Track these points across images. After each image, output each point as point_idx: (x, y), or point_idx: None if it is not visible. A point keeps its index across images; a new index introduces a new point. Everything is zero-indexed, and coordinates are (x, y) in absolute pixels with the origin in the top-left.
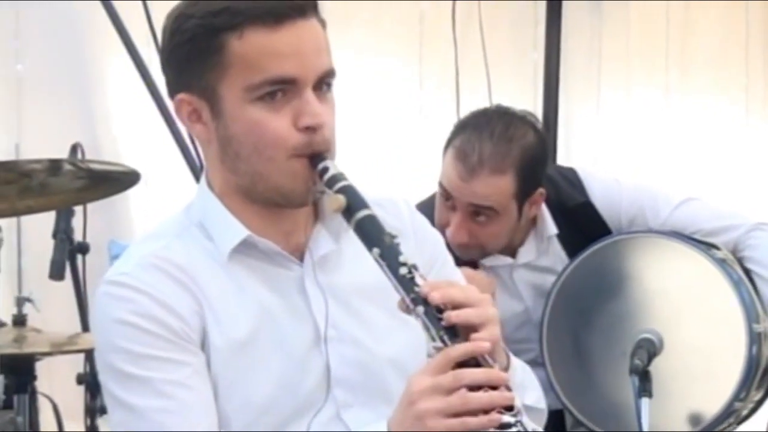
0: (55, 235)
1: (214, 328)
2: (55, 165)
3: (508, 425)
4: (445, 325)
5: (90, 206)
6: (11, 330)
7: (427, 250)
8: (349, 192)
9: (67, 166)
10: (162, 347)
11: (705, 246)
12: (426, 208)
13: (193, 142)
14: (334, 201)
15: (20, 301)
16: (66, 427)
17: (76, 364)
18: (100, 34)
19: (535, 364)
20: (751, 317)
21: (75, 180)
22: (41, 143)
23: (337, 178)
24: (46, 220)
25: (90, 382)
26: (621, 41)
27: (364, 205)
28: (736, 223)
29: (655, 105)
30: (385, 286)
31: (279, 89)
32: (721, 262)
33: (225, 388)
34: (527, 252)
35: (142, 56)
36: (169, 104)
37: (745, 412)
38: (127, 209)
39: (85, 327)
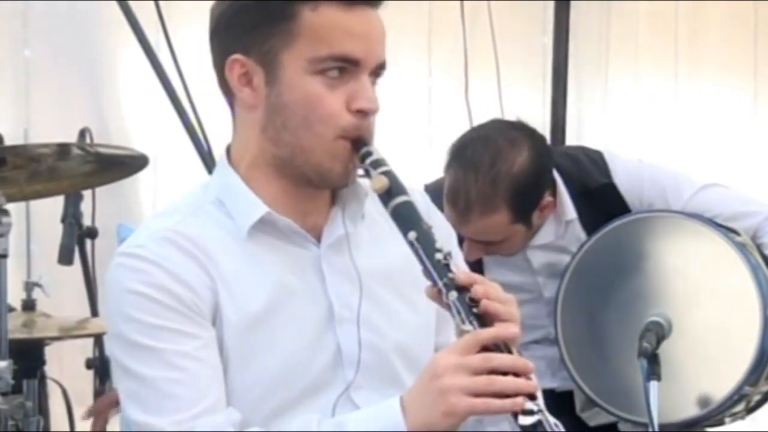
0: (63, 220)
1: (227, 303)
2: (63, 149)
3: (531, 412)
4: (476, 312)
5: (98, 190)
6: (20, 315)
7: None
8: (391, 176)
9: (76, 151)
10: (173, 319)
11: (725, 229)
12: (436, 190)
13: (201, 127)
14: (378, 180)
15: (29, 286)
16: (75, 412)
17: (85, 348)
18: (108, 19)
19: (545, 342)
20: (766, 302)
21: (83, 164)
22: (50, 128)
23: (380, 162)
24: (55, 204)
25: (99, 366)
26: (630, 28)
27: (404, 191)
28: (757, 210)
29: (663, 92)
30: (399, 272)
31: (341, 67)
32: (741, 247)
33: (238, 362)
34: (545, 235)
35: (150, 41)
36: (178, 88)
37: (756, 398)
38: (136, 193)
39: (94, 312)
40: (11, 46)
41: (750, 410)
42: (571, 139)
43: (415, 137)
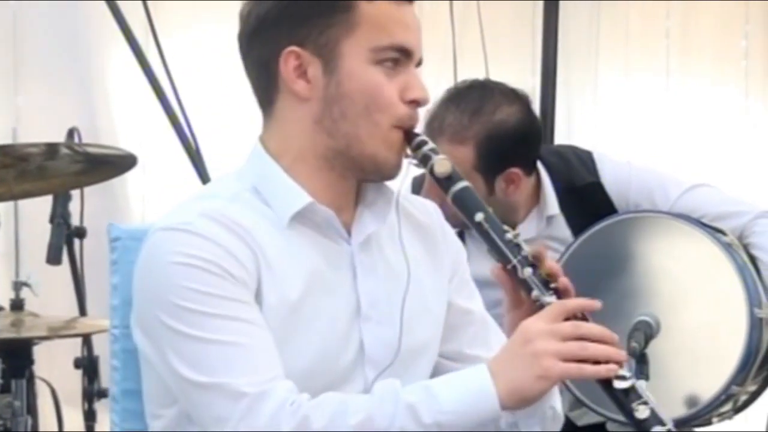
0: (52, 220)
1: (269, 285)
2: (52, 149)
3: (624, 377)
4: (552, 287)
5: (87, 190)
6: (9, 314)
7: (451, 255)
8: (450, 164)
9: (64, 150)
10: (229, 289)
11: (712, 230)
12: (421, 182)
13: (189, 127)
14: (442, 164)
15: (18, 286)
16: (64, 412)
17: (73, 348)
18: (96, 19)
19: None
20: (753, 302)
21: (72, 164)
22: (38, 127)
23: (436, 150)
24: (44, 204)
25: (88, 366)
26: (620, 25)
27: (462, 177)
28: (744, 210)
29: (654, 88)
30: (419, 275)
31: (395, 58)
32: (727, 246)
33: None
34: (527, 230)
35: (139, 41)
36: (167, 88)
37: (743, 398)
38: (125, 193)
39: (83, 311)
40: (1, 45)
41: (737, 410)
42: (561, 137)
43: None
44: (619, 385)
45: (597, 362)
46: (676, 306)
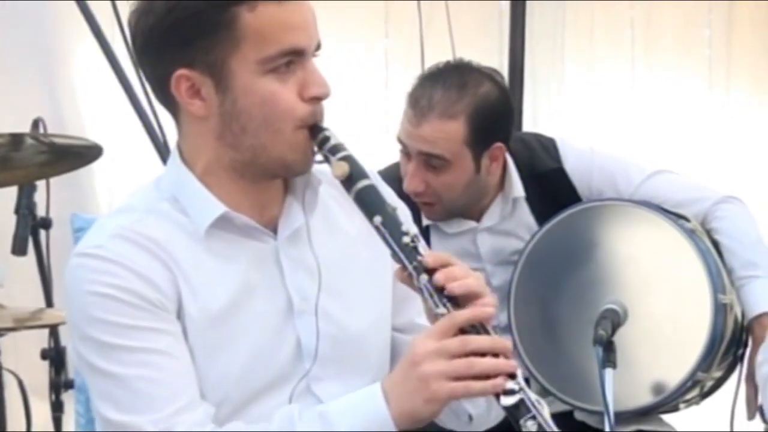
0: (17, 211)
1: (189, 299)
2: (16, 139)
3: (512, 391)
4: (447, 294)
5: (53, 181)
6: None
7: None
8: (351, 161)
9: (29, 141)
10: (142, 317)
11: (675, 216)
12: (388, 174)
13: (156, 118)
14: (338, 167)
15: None
16: (31, 402)
17: (40, 339)
18: (62, 10)
19: (495, 330)
20: (717, 288)
21: (37, 154)
22: (3, 117)
23: (339, 147)
24: (9, 195)
25: (54, 357)
26: (585, 14)
27: (365, 174)
28: (706, 195)
29: (619, 78)
30: (355, 258)
31: (289, 61)
32: (690, 233)
33: (201, 360)
34: (491, 215)
35: (105, 32)
36: (133, 80)
37: (709, 384)
38: (91, 184)
39: (49, 302)
40: None
41: (704, 396)
42: (529, 123)
43: (372, 124)
44: (505, 402)
45: (489, 376)
46: (640, 294)
